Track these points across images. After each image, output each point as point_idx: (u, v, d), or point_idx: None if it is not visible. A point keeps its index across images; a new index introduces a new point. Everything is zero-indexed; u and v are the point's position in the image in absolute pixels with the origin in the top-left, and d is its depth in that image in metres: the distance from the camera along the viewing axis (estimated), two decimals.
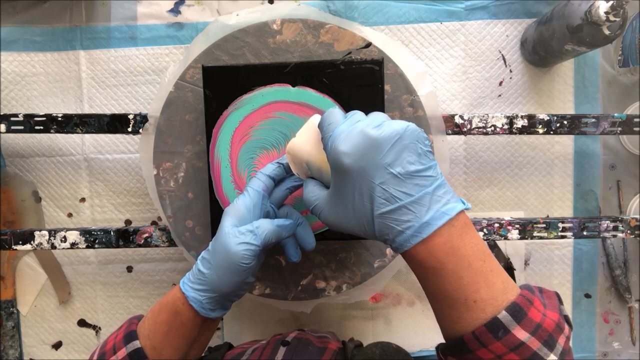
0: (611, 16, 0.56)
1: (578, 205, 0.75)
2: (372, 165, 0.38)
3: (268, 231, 0.47)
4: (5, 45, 0.75)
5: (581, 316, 0.75)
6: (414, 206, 0.37)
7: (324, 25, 0.61)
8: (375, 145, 0.38)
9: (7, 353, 0.78)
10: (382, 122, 0.39)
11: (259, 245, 0.46)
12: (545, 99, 0.74)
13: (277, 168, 0.50)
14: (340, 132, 0.39)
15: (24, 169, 0.77)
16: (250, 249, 0.46)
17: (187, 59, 0.64)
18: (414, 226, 0.38)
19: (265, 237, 0.47)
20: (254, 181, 0.49)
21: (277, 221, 0.48)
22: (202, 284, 0.47)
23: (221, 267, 0.46)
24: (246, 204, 0.48)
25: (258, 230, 0.46)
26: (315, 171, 0.46)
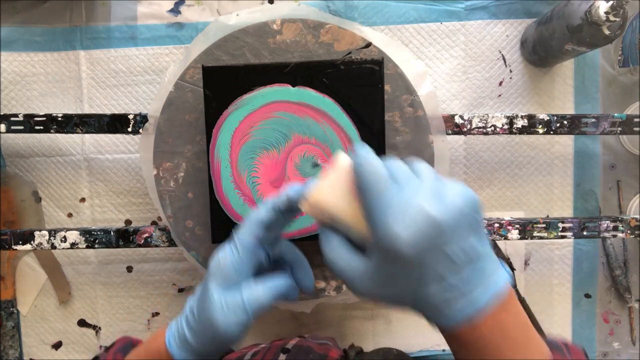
0: (611, 16, 0.56)
1: (578, 205, 0.75)
2: (432, 251, 0.33)
3: (260, 302, 0.41)
4: (5, 45, 0.75)
5: (581, 316, 0.75)
6: (464, 283, 0.34)
7: (324, 25, 0.61)
8: (438, 230, 0.32)
9: (7, 353, 0.78)
10: (438, 191, 0.34)
11: (250, 319, 0.41)
12: (545, 99, 0.74)
13: (273, 215, 0.42)
14: (393, 207, 0.33)
15: (24, 169, 0.77)
16: (240, 327, 0.41)
17: (187, 59, 0.64)
18: (461, 303, 0.34)
19: (258, 309, 0.41)
20: (244, 231, 0.42)
21: (270, 284, 0.42)
22: (188, 349, 0.43)
23: (207, 338, 0.42)
24: (234, 262, 0.41)
25: (248, 304, 0.41)
26: (343, 227, 0.38)
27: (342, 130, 0.55)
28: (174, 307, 0.78)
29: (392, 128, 0.61)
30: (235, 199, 0.57)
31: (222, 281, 0.42)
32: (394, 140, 0.61)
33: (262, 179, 0.56)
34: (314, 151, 0.56)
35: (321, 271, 0.63)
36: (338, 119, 0.55)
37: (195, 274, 0.77)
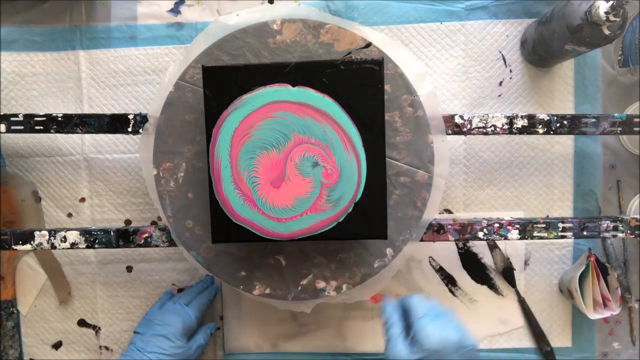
0: (611, 16, 0.56)
1: (578, 205, 0.75)
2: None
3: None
4: (5, 45, 0.75)
5: (581, 316, 0.75)
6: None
7: (324, 25, 0.61)
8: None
9: (7, 353, 0.78)
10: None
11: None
12: (545, 99, 0.74)
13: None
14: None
15: (24, 169, 0.77)
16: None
17: (187, 59, 0.64)
18: None
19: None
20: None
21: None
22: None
23: None
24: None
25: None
26: None
27: (342, 130, 0.55)
28: None
29: (392, 128, 0.61)
30: (235, 199, 0.57)
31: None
32: (394, 140, 0.61)
33: (262, 179, 0.56)
34: (314, 151, 0.56)
35: (321, 271, 0.63)
36: (338, 119, 0.55)
37: (195, 274, 0.77)
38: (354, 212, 0.56)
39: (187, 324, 0.67)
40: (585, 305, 0.69)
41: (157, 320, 0.66)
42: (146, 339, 0.64)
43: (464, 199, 0.75)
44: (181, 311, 0.67)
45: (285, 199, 0.56)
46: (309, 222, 0.57)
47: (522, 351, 0.76)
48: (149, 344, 0.63)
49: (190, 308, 0.68)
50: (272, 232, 0.57)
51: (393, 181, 0.62)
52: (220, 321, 0.78)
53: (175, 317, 0.66)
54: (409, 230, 0.62)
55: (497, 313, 0.76)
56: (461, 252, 0.76)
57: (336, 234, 0.57)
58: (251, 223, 0.57)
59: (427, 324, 0.50)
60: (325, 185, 0.56)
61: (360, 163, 0.56)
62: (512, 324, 0.76)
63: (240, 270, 0.63)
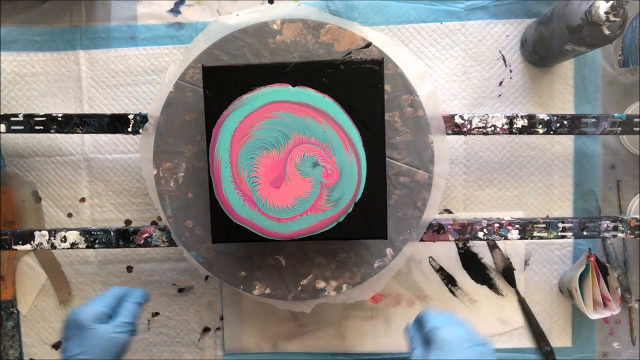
0: (611, 16, 0.56)
1: (578, 205, 0.75)
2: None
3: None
4: (5, 45, 0.75)
5: (581, 316, 0.75)
6: None
7: (324, 25, 0.61)
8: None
9: (7, 353, 0.78)
10: None
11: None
12: (545, 99, 0.74)
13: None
14: None
15: (24, 169, 0.77)
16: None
17: (187, 59, 0.64)
18: None
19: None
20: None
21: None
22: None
23: None
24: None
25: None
26: None
27: (342, 130, 0.55)
28: (174, 307, 0.78)
29: (392, 128, 0.61)
30: (235, 199, 0.57)
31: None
32: (394, 140, 0.61)
33: (262, 179, 0.56)
34: (313, 151, 0.56)
35: (321, 271, 0.63)
36: (338, 119, 0.55)
37: (195, 274, 0.77)
38: (354, 212, 0.56)
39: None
40: (585, 305, 0.69)
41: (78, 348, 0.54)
42: None
43: (464, 199, 0.75)
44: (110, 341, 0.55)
45: (285, 199, 0.56)
46: (309, 222, 0.57)
47: (522, 351, 0.76)
48: None
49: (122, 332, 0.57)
50: (272, 232, 0.57)
51: (393, 181, 0.62)
52: (220, 321, 0.78)
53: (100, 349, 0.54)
54: (409, 230, 0.62)
55: (497, 313, 0.76)
56: (461, 252, 0.76)
57: (336, 234, 0.57)
58: (251, 223, 0.57)
59: (439, 326, 0.50)
60: (325, 185, 0.56)
61: (360, 163, 0.56)
62: (512, 324, 0.76)
63: (240, 270, 0.63)
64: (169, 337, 0.79)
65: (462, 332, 0.50)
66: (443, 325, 0.50)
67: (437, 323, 0.51)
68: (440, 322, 0.51)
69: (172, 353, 0.79)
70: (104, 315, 0.55)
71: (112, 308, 0.56)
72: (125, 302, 0.58)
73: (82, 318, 0.53)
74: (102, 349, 0.53)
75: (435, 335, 0.49)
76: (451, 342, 0.49)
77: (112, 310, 0.56)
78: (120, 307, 0.57)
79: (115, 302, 0.57)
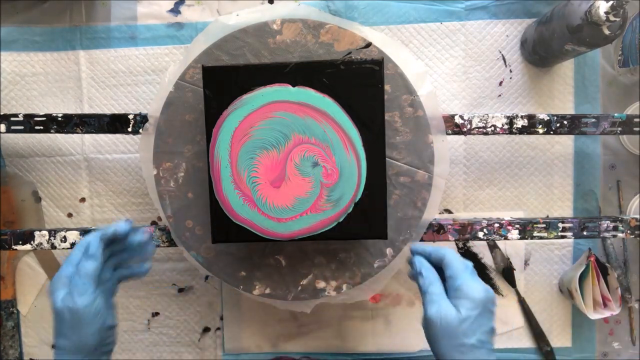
0: (611, 16, 0.56)
1: (578, 205, 0.75)
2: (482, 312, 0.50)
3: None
4: (5, 45, 0.75)
5: (581, 316, 0.75)
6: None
7: (324, 25, 0.61)
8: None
9: (7, 353, 0.78)
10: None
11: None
12: (545, 99, 0.74)
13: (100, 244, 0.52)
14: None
15: (24, 169, 0.77)
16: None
17: (187, 59, 0.64)
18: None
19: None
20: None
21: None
22: (66, 348, 0.49)
23: (73, 328, 0.49)
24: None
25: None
26: None
27: (342, 130, 0.55)
28: (174, 307, 0.78)
29: (392, 128, 0.61)
30: (235, 199, 0.57)
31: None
32: (394, 140, 0.61)
33: (262, 179, 0.56)
34: (314, 151, 0.56)
35: (321, 271, 0.63)
36: (338, 119, 0.55)
37: (195, 274, 0.77)
38: (354, 212, 0.56)
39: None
40: (585, 305, 0.69)
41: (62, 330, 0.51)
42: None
43: (464, 199, 0.75)
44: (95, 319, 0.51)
45: (285, 199, 0.56)
46: (309, 222, 0.57)
47: (522, 351, 0.76)
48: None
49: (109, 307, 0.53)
50: (272, 232, 0.57)
51: (393, 181, 0.62)
52: (220, 321, 0.78)
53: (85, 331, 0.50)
54: (409, 230, 0.62)
55: (497, 313, 0.75)
56: (461, 252, 0.76)
57: (336, 234, 0.57)
58: (251, 223, 0.57)
59: (469, 278, 0.50)
60: (325, 185, 0.56)
61: (360, 163, 0.56)
62: (512, 324, 0.76)
63: (240, 270, 0.63)
64: (169, 337, 0.79)
65: (488, 287, 0.51)
66: (471, 274, 0.51)
67: (463, 267, 0.51)
68: (464, 266, 0.51)
69: (172, 353, 0.79)
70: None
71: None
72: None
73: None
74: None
75: (470, 291, 0.49)
76: (486, 301, 0.49)
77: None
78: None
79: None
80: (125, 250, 0.56)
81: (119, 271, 0.56)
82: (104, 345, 0.51)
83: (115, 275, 0.55)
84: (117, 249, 0.55)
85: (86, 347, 0.49)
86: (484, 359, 0.47)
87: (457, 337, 0.47)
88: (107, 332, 0.51)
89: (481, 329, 0.48)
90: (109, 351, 0.53)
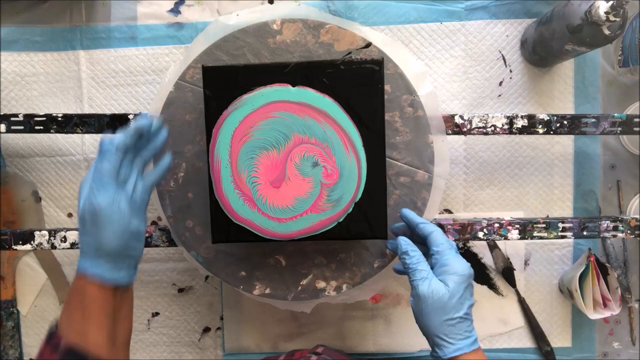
0: (611, 16, 0.56)
1: (578, 205, 0.75)
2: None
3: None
4: (5, 45, 0.75)
5: (581, 316, 0.75)
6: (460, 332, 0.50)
7: (324, 25, 0.61)
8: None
9: (7, 353, 0.78)
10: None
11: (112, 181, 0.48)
12: (545, 99, 0.74)
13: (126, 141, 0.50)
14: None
15: (24, 169, 0.77)
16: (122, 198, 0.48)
17: (187, 59, 0.64)
18: (454, 347, 0.49)
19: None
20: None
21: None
22: (89, 251, 0.48)
23: (95, 229, 0.47)
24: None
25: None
26: None
27: (342, 130, 0.55)
28: (174, 307, 0.78)
29: (392, 128, 0.61)
30: (235, 199, 0.57)
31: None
32: (394, 140, 0.61)
33: (262, 179, 0.56)
34: (314, 151, 0.56)
35: (321, 271, 0.63)
36: (338, 119, 0.55)
37: (195, 274, 0.77)
38: (354, 212, 0.56)
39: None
40: (585, 305, 0.69)
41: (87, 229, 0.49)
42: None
43: (464, 199, 0.75)
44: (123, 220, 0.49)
45: (285, 199, 0.56)
46: (309, 222, 0.57)
47: (522, 351, 0.76)
48: None
49: (138, 212, 0.51)
50: (272, 232, 0.57)
51: (393, 181, 0.62)
52: (221, 321, 0.78)
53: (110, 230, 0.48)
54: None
55: (497, 313, 0.76)
56: (461, 252, 0.76)
57: (336, 234, 0.57)
58: (251, 223, 0.57)
59: (455, 255, 0.53)
60: (325, 185, 0.56)
61: (360, 163, 0.56)
62: (512, 324, 0.76)
63: (240, 270, 0.63)
64: (169, 337, 0.79)
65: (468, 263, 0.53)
66: (455, 251, 0.54)
67: (446, 244, 0.54)
68: (446, 242, 0.54)
69: (172, 353, 0.79)
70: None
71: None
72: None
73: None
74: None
75: (456, 267, 0.52)
76: (470, 277, 0.52)
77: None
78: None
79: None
80: (142, 147, 0.53)
81: (144, 176, 0.53)
82: (129, 250, 0.49)
83: (141, 181, 0.52)
84: (139, 145, 0.53)
85: (108, 250, 0.48)
86: (470, 330, 0.51)
87: (448, 311, 0.50)
88: (132, 237, 0.49)
89: (467, 303, 0.51)
90: (134, 260, 0.51)
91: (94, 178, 0.48)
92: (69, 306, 0.49)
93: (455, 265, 0.52)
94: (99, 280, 0.47)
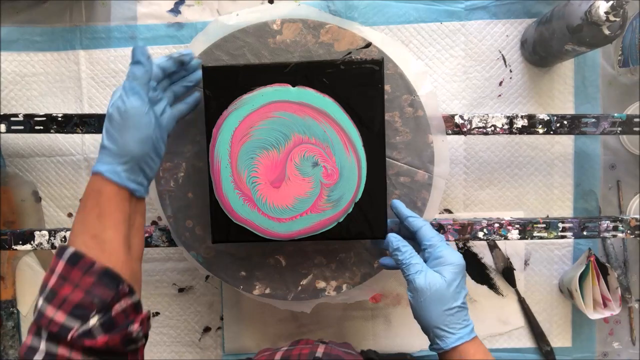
0: (611, 16, 0.56)
1: (578, 205, 0.75)
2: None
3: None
4: (5, 45, 0.75)
5: (581, 316, 0.75)
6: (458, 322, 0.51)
7: (324, 25, 0.61)
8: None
9: (7, 353, 0.78)
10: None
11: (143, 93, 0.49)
12: (545, 99, 0.74)
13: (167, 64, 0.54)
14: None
15: (24, 169, 0.77)
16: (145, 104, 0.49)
17: None
18: (453, 337, 0.50)
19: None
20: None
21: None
22: (110, 154, 0.48)
23: (120, 129, 0.48)
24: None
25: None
26: None
27: (342, 130, 0.55)
28: (175, 306, 0.78)
29: (392, 128, 0.61)
30: (235, 199, 0.57)
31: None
32: (394, 140, 0.61)
33: (262, 179, 0.56)
34: (314, 151, 0.56)
35: (321, 271, 0.63)
36: (338, 119, 0.55)
37: (195, 274, 0.77)
38: (354, 212, 0.56)
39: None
40: (585, 305, 0.69)
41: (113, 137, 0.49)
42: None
43: (464, 199, 0.75)
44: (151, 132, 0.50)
45: (285, 199, 0.56)
46: (309, 222, 0.57)
47: (522, 351, 0.76)
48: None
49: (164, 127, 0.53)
50: (272, 232, 0.57)
51: (393, 181, 0.62)
52: (220, 321, 0.78)
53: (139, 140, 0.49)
54: None
55: (497, 313, 0.76)
56: (461, 252, 0.76)
57: (336, 234, 0.57)
58: (251, 223, 0.57)
59: (446, 247, 0.54)
60: (325, 185, 0.56)
61: (360, 163, 0.56)
62: (512, 324, 0.76)
63: (240, 270, 0.63)
64: (169, 337, 0.79)
65: (464, 261, 0.54)
66: (445, 242, 0.54)
67: (435, 237, 0.54)
68: (436, 235, 0.54)
69: (172, 353, 0.79)
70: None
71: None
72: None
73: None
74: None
75: (449, 258, 0.52)
76: (463, 266, 0.52)
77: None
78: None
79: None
80: (175, 81, 0.57)
81: (173, 105, 0.56)
82: (147, 161, 0.50)
83: (169, 109, 0.54)
84: (173, 78, 0.57)
85: (128, 153, 0.48)
86: (467, 319, 0.51)
87: (447, 301, 0.50)
88: (152, 149, 0.50)
89: (463, 292, 0.52)
90: (147, 178, 0.51)
91: (128, 81, 0.50)
92: (83, 207, 0.48)
93: (450, 256, 0.52)
94: (114, 178, 0.47)
